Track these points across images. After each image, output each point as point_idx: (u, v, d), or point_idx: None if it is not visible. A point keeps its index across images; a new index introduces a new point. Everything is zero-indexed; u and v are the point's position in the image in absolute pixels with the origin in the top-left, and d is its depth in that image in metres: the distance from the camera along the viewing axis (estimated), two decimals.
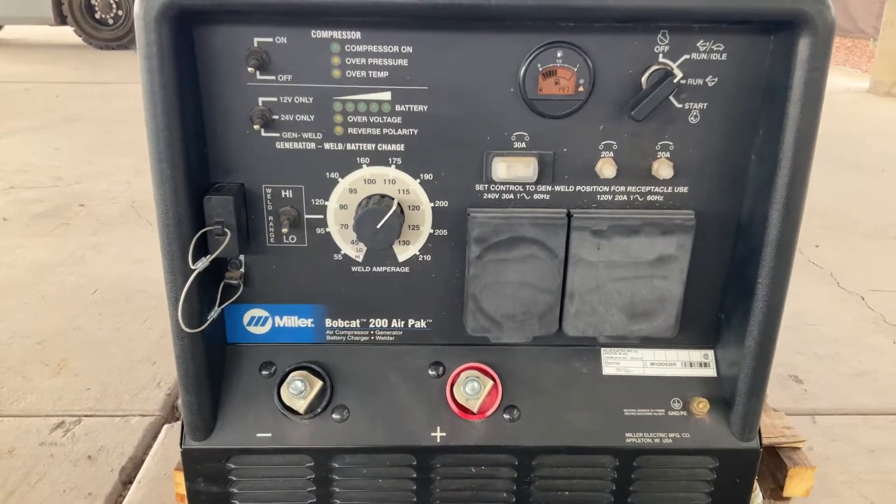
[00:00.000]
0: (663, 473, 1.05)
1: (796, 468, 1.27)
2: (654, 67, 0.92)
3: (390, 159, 0.96)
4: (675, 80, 0.89)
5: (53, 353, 1.95)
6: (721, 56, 0.92)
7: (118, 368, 1.90)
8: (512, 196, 0.98)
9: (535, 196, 0.98)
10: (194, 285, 0.91)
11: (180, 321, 0.90)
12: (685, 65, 0.92)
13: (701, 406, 1.04)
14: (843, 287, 2.36)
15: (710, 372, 1.07)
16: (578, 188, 0.98)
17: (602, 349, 1.08)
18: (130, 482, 1.52)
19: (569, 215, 0.97)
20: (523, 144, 0.95)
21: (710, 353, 1.08)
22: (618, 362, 1.07)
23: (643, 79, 0.92)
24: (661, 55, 0.92)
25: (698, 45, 0.91)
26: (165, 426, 1.70)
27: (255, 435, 1.02)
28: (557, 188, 0.98)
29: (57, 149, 3.78)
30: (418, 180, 0.97)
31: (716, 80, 0.93)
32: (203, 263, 0.89)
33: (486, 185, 0.98)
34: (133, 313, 2.13)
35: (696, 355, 1.08)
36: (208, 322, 0.96)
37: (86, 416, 1.74)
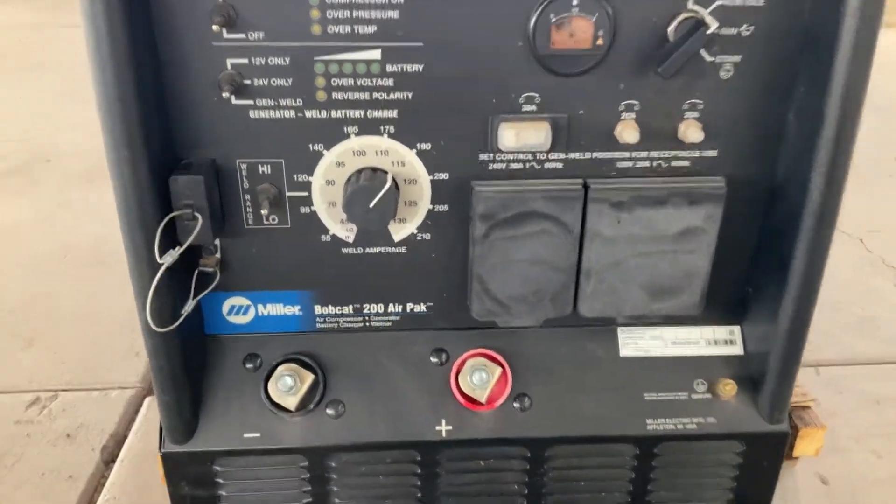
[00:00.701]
0: (686, 460, 0.98)
1: (806, 429, 1.20)
2: (682, 16, 0.80)
3: (382, 127, 0.84)
4: (708, 32, 0.77)
5: (25, 323, 1.85)
6: (758, 1, 0.80)
7: (94, 338, 1.80)
8: (521, 166, 0.87)
9: (548, 165, 0.87)
10: (164, 279, 0.80)
11: (149, 321, 0.80)
12: (718, 12, 0.80)
13: (727, 388, 0.95)
14: (841, 229, 2.29)
15: (737, 350, 0.99)
16: (596, 155, 0.87)
17: (619, 329, 0.99)
18: (113, 461, 1.44)
19: (585, 186, 0.86)
20: (534, 107, 0.84)
21: (737, 329, 0.99)
22: (636, 342, 0.98)
23: (670, 29, 0.80)
24: (690, 1, 0.80)
25: None
26: (147, 399, 1.62)
27: (243, 435, 0.93)
28: (572, 156, 0.87)
29: (21, 99, 3.57)
30: (414, 151, 0.86)
31: (751, 28, 0.81)
32: (172, 257, 0.78)
33: (492, 155, 0.86)
34: (107, 278, 2.00)
35: (722, 332, 0.99)
36: (182, 317, 0.85)
37: (62, 390, 1.65)
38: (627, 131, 0.84)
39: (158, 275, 0.77)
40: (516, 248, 0.88)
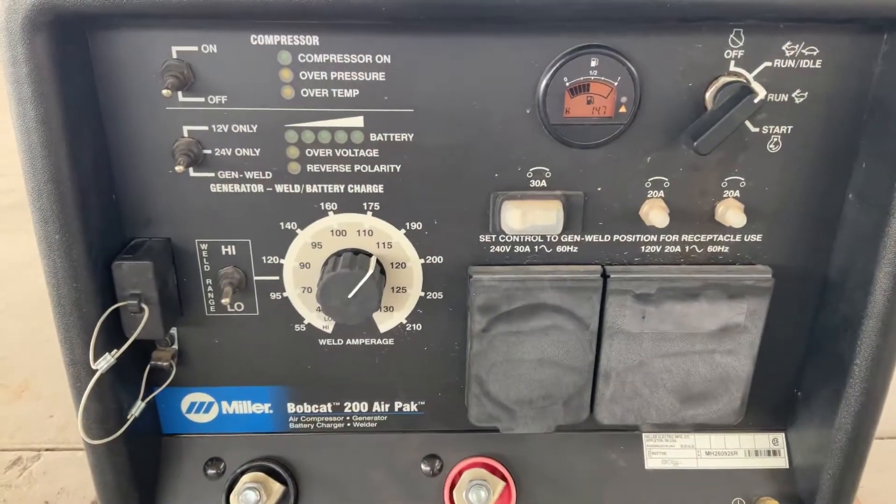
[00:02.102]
0: None
1: None
2: (722, 80, 0.67)
3: (366, 204, 0.72)
4: (755, 100, 0.64)
5: (15, 371, 1.75)
6: (814, 63, 0.67)
7: None
8: (528, 249, 0.74)
9: (560, 249, 0.74)
10: (106, 381, 0.67)
11: (82, 434, 0.67)
12: (765, 75, 0.67)
13: None
14: None
15: (781, 462, 0.84)
16: (617, 238, 0.74)
17: (644, 435, 0.84)
18: None
19: (604, 275, 0.73)
20: (543, 183, 0.71)
21: (781, 437, 0.85)
22: (664, 452, 0.84)
23: (707, 95, 0.68)
24: (732, 62, 0.67)
25: (784, 48, 0.66)
26: None
27: None
28: (589, 239, 0.74)
29: None
30: (403, 231, 0.73)
31: (805, 95, 0.68)
32: (107, 362, 0.66)
33: (494, 237, 0.74)
34: None
35: (763, 441, 0.85)
36: (128, 423, 0.72)
37: (46, 449, 1.55)
38: (655, 212, 0.71)
39: (91, 383, 0.65)
40: (522, 346, 0.75)
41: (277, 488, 0.80)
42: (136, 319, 0.69)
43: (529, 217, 0.70)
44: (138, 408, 0.74)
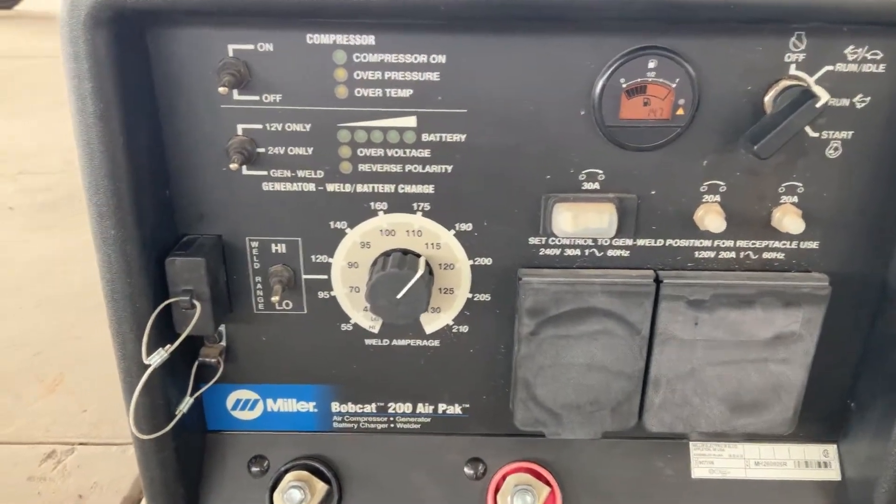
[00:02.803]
0: None
1: None
2: (783, 84, 0.65)
3: (415, 204, 0.72)
4: (817, 105, 0.62)
5: (49, 366, 1.78)
6: (877, 67, 0.66)
7: (119, 386, 1.72)
8: (578, 253, 0.73)
9: (611, 253, 0.73)
10: (155, 378, 0.68)
11: (133, 429, 0.67)
12: (826, 79, 0.66)
13: None
14: None
15: (832, 474, 0.82)
16: (670, 243, 0.73)
17: (691, 444, 0.83)
18: None
19: (657, 280, 0.72)
20: (596, 185, 0.70)
21: (832, 449, 0.83)
22: (711, 461, 0.82)
23: (767, 99, 0.66)
24: (792, 66, 0.66)
25: (846, 52, 0.65)
26: None
27: None
28: (641, 243, 0.73)
29: (67, 131, 3.59)
30: (452, 232, 0.73)
31: (867, 100, 0.67)
32: (161, 357, 0.66)
33: (544, 239, 0.73)
34: None
35: (814, 452, 0.83)
36: (176, 419, 0.73)
37: (80, 443, 1.57)
38: (710, 217, 0.69)
39: (144, 378, 0.65)
40: (570, 350, 0.74)
41: (321, 487, 0.80)
42: (188, 315, 0.70)
43: (581, 220, 0.69)
44: (186, 403, 0.74)
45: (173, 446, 0.75)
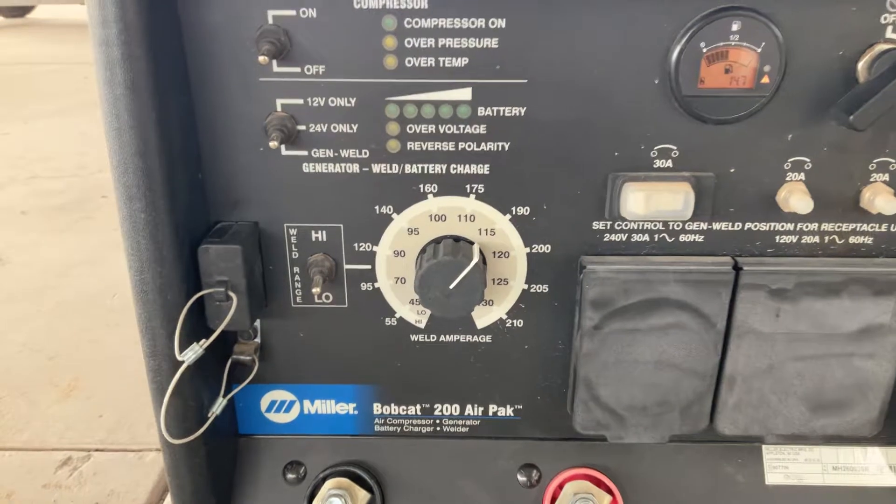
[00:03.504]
0: None
1: None
2: (879, 48, 0.59)
3: (469, 186, 0.66)
4: None
5: (65, 370, 1.76)
6: None
7: (135, 390, 1.68)
8: (647, 238, 0.67)
9: (684, 239, 0.67)
10: (186, 377, 0.62)
11: (164, 432, 0.62)
12: None
13: None
14: None
15: None
16: (749, 226, 0.66)
17: (763, 448, 0.76)
18: None
19: (736, 267, 0.65)
20: (670, 163, 0.64)
21: None
22: (786, 467, 0.76)
23: (860, 65, 0.60)
24: (889, 28, 0.59)
25: None
26: None
27: None
28: (717, 227, 0.66)
29: (83, 134, 3.58)
30: (508, 216, 0.67)
31: None
32: (195, 353, 0.60)
33: (611, 224, 0.67)
34: None
35: None
36: (209, 422, 0.67)
37: (96, 450, 1.54)
38: (796, 197, 0.63)
39: (177, 376, 0.59)
40: (638, 346, 0.68)
41: (363, 496, 0.73)
42: (222, 309, 0.64)
43: (654, 201, 0.63)
44: (220, 405, 0.69)
45: (204, 452, 0.69)
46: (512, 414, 0.76)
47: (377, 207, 0.67)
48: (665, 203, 0.63)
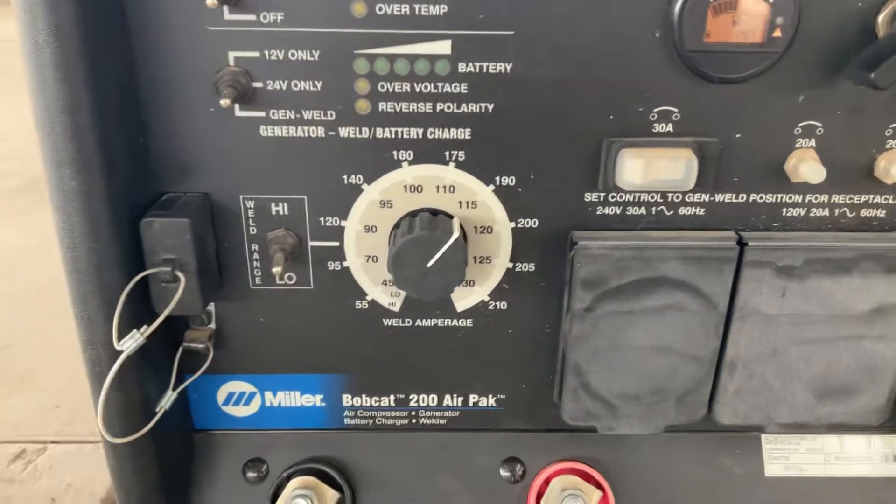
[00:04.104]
0: None
1: None
2: None
3: (448, 153, 0.59)
4: None
5: (18, 361, 1.68)
6: None
7: None
8: (643, 212, 0.61)
9: (683, 212, 0.61)
10: (129, 368, 0.55)
11: (102, 431, 0.54)
12: None
13: None
14: None
15: None
16: (754, 198, 0.61)
17: (763, 437, 0.71)
18: None
19: (741, 243, 0.60)
20: (670, 127, 0.58)
21: None
22: (786, 457, 0.71)
23: (880, 18, 0.54)
24: None
25: None
26: None
27: None
28: (721, 199, 0.61)
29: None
30: (492, 187, 0.60)
31: None
32: (135, 341, 0.53)
33: (604, 195, 0.60)
34: None
35: None
36: (156, 417, 0.60)
37: (52, 441, 1.46)
38: (807, 165, 0.57)
39: (115, 367, 0.52)
40: (632, 329, 0.62)
41: (331, 495, 0.67)
42: (169, 291, 0.56)
43: (652, 169, 0.57)
44: (169, 399, 0.61)
45: (153, 450, 0.62)
46: (494, 404, 0.70)
47: (345, 177, 0.60)
48: (665, 171, 0.57)
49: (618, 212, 0.61)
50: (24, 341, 1.77)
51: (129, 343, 0.52)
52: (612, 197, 0.61)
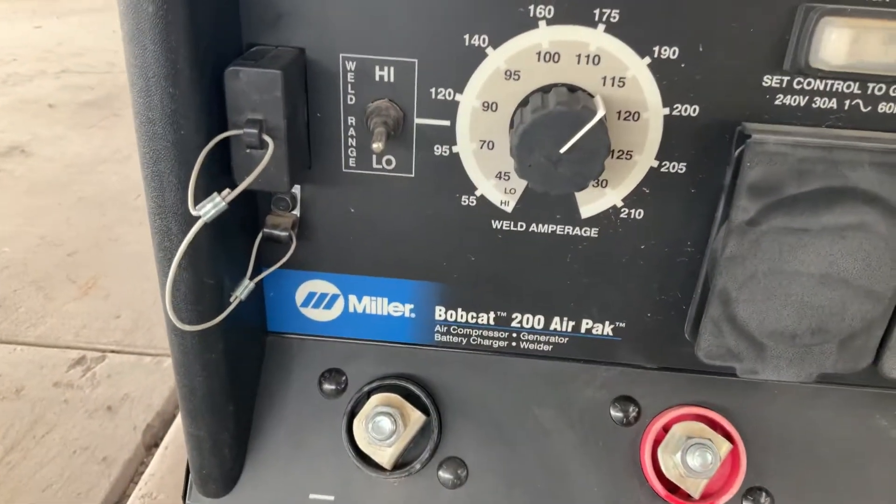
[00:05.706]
0: None
1: None
2: None
3: (598, 11, 0.47)
4: None
5: (83, 267, 1.70)
6: None
7: (156, 293, 1.62)
8: (835, 104, 0.49)
9: (883, 108, 0.49)
10: (202, 244, 0.46)
11: (170, 313, 0.46)
12: None
13: None
14: None
15: None
16: None
17: None
18: (156, 445, 1.23)
19: None
20: None
21: None
22: None
23: None
24: None
25: None
26: None
27: (308, 496, 0.59)
28: None
29: (116, 32, 3.53)
30: (647, 59, 0.49)
31: None
32: (215, 206, 0.44)
33: (788, 79, 0.48)
34: None
35: None
36: (231, 307, 0.51)
37: (111, 351, 1.47)
38: None
39: (191, 234, 0.43)
40: (803, 252, 0.50)
41: (417, 418, 0.58)
42: (254, 158, 0.47)
43: (861, 45, 0.45)
44: (245, 288, 0.53)
45: (222, 347, 0.54)
46: (611, 333, 0.60)
47: (466, 37, 0.49)
48: (877, 51, 0.45)
49: (802, 102, 0.49)
50: (90, 249, 1.77)
51: (209, 207, 0.43)
52: (799, 83, 0.49)
